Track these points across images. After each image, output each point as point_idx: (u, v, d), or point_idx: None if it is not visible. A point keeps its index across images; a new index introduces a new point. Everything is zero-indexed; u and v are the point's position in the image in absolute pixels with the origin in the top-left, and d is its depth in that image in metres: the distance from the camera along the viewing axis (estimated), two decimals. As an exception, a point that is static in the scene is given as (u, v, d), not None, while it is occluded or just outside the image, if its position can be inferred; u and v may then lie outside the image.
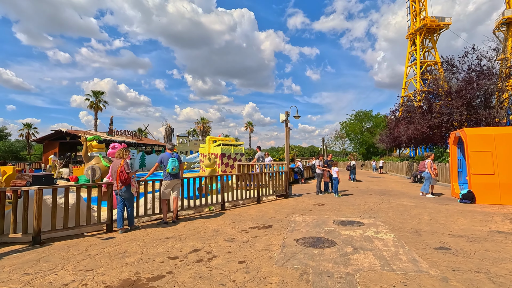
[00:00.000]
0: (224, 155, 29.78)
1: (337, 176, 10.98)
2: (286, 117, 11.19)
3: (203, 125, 69.54)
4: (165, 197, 6.62)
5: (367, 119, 55.21)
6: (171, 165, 6.52)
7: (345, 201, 9.75)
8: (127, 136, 41.55)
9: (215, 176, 8.47)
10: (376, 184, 16.95)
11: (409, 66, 58.05)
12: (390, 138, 28.67)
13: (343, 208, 8.36)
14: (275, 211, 7.95)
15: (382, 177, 23.58)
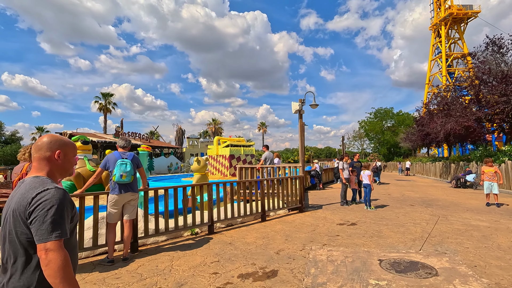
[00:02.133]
0: (233, 156, 27.42)
1: (369, 182, 8.33)
2: (300, 106, 8.69)
3: (215, 126, 67.75)
4: (112, 220, 4.27)
5: (388, 117, 51.49)
6: (119, 170, 4.17)
7: (383, 217, 7.10)
8: (135, 138, 40.09)
9: (207, 184, 6.07)
10: (409, 189, 14.06)
11: (433, 60, 53.85)
12: (418, 136, 25.46)
13: (385, 231, 5.74)
14: (285, 237, 5.44)
15: (412, 180, 20.50)
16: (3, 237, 1.25)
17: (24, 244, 1.19)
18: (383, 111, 51.93)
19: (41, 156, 1.34)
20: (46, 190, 1.21)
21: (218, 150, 27.87)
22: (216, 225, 6.12)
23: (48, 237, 1.15)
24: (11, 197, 1.30)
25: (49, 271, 1.13)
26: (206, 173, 7.48)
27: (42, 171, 1.33)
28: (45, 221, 1.15)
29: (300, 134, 8.85)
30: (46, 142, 1.36)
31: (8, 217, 1.24)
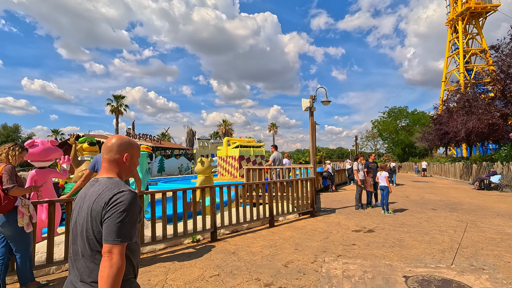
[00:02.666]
0: (242, 157, 27.00)
1: (387, 184, 7.67)
2: (311, 103, 8.13)
3: (225, 127, 67.62)
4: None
5: (402, 116, 49.94)
6: (108, 173, 3.76)
7: (403, 223, 6.46)
8: (145, 140, 40.30)
9: (209, 187, 5.60)
10: (429, 191, 13.22)
11: (449, 56, 51.96)
12: (436, 136, 24.30)
13: (407, 240, 5.11)
14: (294, 246, 4.90)
15: (430, 182, 19.50)
16: (79, 233, 1.27)
17: (97, 243, 1.23)
18: (397, 110, 50.42)
19: (111, 158, 1.38)
20: (121, 192, 1.24)
21: (228, 151, 27.52)
22: (220, 231, 5.65)
23: (115, 240, 1.17)
24: (84, 195, 1.32)
25: (106, 272, 1.13)
26: (210, 175, 7.02)
27: (112, 172, 1.38)
28: (116, 223, 1.18)
29: (311, 133, 8.30)
30: (116, 145, 1.39)
31: (85, 215, 1.26)
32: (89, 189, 1.33)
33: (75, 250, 1.28)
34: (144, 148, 6.18)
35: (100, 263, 1.17)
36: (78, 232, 1.27)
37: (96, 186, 1.31)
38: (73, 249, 1.29)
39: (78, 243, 1.26)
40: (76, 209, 1.33)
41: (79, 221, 1.28)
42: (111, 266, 1.14)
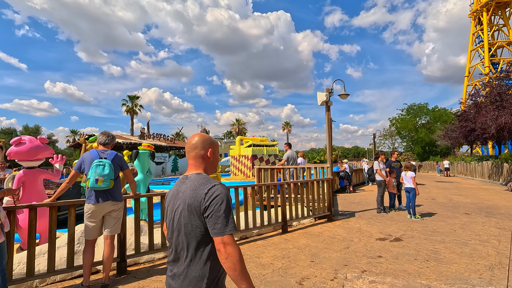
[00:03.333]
0: (255, 157, 26.42)
1: (414, 186, 6.88)
2: (327, 96, 7.43)
3: (239, 126, 67.35)
4: (88, 236, 3.38)
5: (422, 113, 47.86)
6: (94, 173, 3.26)
7: (434, 231, 5.69)
8: (159, 139, 40.50)
9: None
10: (456, 192, 12.19)
11: (473, 50, 49.37)
12: (461, 133, 22.87)
13: (443, 252, 4.38)
14: (311, 257, 4.28)
15: (455, 182, 18.24)
16: (177, 229, 1.31)
17: (198, 237, 1.26)
18: (417, 107, 48.37)
19: (197, 154, 1.42)
20: (214, 186, 1.28)
21: (240, 150, 27.04)
22: (227, 238, 5.10)
23: (224, 231, 1.21)
24: (175, 192, 1.38)
25: (229, 263, 1.18)
26: (218, 175, 6.48)
27: (199, 168, 1.41)
28: (220, 216, 1.23)
29: (328, 130, 7.61)
30: (200, 141, 1.43)
31: (182, 211, 1.30)
32: (180, 186, 1.37)
33: (173, 245, 1.33)
34: (146, 146, 5.73)
35: (219, 257, 1.21)
36: (176, 227, 1.32)
37: (188, 183, 1.34)
38: (171, 243, 1.34)
39: (178, 237, 1.30)
40: (170, 206, 1.38)
41: (175, 217, 1.32)
42: (232, 256, 1.18)
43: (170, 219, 1.35)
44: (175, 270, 1.31)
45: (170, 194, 1.41)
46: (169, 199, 1.41)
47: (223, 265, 1.20)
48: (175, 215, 1.33)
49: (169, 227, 1.37)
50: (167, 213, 1.41)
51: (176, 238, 1.31)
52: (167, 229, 1.41)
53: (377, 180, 7.94)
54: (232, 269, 1.17)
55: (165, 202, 1.46)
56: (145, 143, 5.79)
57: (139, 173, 5.61)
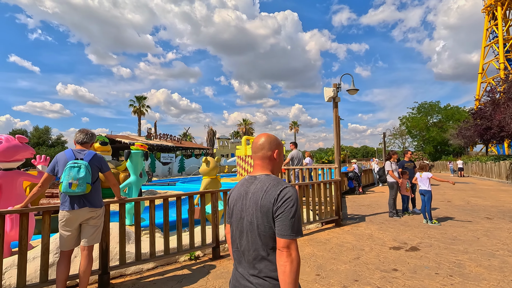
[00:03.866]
0: (262, 157, 25.92)
1: (429, 188, 6.32)
2: (335, 92, 6.93)
3: (246, 126, 67.02)
4: (63, 246, 2.99)
5: (434, 112, 46.58)
6: (67, 176, 2.87)
7: (455, 238, 5.13)
8: (166, 139, 40.47)
9: (210, 192, 4.63)
10: (473, 194, 11.51)
11: (487, 46, 47.79)
12: (475, 131, 21.95)
13: (468, 265, 3.85)
14: (316, 270, 3.81)
15: (470, 183, 17.42)
16: (249, 230, 1.29)
17: (271, 238, 1.25)
18: (428, 106, 47.09)
19: (264, 155, 1.41)
20: (286, 188, 1.26)
21: (246, 150, 26.59)
22: (225, 245, 4.67)
23: (291, 235, 1.19)
24: (243, 193, 1.36)
25: (288, 268, 1.15)
26: (216, 177, 6.07)
27: (267, 169, 1.40)
28: (290, 218, 1.21)
29: (336, 128, 7.11)
30: (267, 142, 1.42)
31: (254, 211, 1.29)
32: (248, 186, 1.36)
33: (243, 246, 1.31)
34: (138, 146, 5.35)
35: (278, 258, 1.19)
36: (247, 228, 1.31)
37: (257, 183, 1.33)
38: (240, 244, 1.33)
39: (249, 238, 1.29)
40: (237, 206, 1.37)
41: (246, 218, 1.31)
42: (291, 262, 1.17)
43: (239, 220, 1.35)
44: (246, 271, 1.29)
45: (236, 194, 1.40)
46: (235, 199, 1.39)
47: (279, 267, 1.17)
48: (245, 216, 1.32)
49: (237, 228, 1.35)
50: (232, 213, 1.40)
51: (248, 238, 1.30)
52: (233, 230, 1.38)
53: (389, 182, 7.39)
54: (288, 275, 1.15)
55: (229, 202, 1.45)
56: (138, 143, 5.43)
57: (131, 175, 5.23)
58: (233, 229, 1.38)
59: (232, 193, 1.44)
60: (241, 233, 1.32)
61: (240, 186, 1.40)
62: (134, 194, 5.09)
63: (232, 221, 1.39)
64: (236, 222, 1.36)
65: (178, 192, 4.22)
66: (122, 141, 33.14)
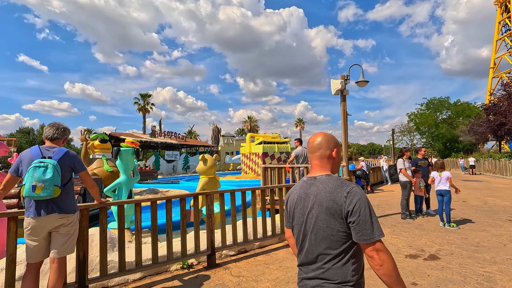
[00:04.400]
0: (266, 154, 25.46)
1: (449, 188, 5.79)
2: (343, 84, 6.42)
3: (251, 124, 66.54)
4: (30, 258, 2.59)
5: (443, 107, 45.44)
6: (31, 178, 2.46)
7: (478, 245, 4.62)
8: (170, 137, 40.28)
9: (206, 194, 4.20)
10: (489, 193, 10.87)
11: (499, 39, 46.34)
12: (488, 127, 21.13)
13: (498, 278, 3.34)
14: (323, 283, 3.35)
15: (484, 181, 16.70)
16: (313, 232, 1.27)
17: (338, 240, 1.21)
18: (437, 102, 45.97)
19: (322, 154, 1.38)
20: (353, 189, 1.23)
21: (251, 148, 26.16)
22: (222, 252, 4.24)
23: (374, 237, 1.16)
24: (303, 195, 1.33)
25: (384, 270, 1.15)
26: (214, 176, 5.63)
27: (326, 169, 1.36)
28: (367, 221, 1.17)
29: (343, 123, 6.60)
30: (325, 141, 1.39)
31: (318, 214, 1.25)
32: (308, 188, 1.32)
33: (306, 248, 1.30)
34: (129, 143, 4.93)
35: (372, 264, 1.17)
36: (310, 230, 1.28)
37: (318, 185, 1.29)
38: (304, 247, 1.31)
39: (312, 241, 1.27)
40: (298, 209, 1.34)
41: (309, 221, 1.28)
42: (386, 262, 1.15)
43: (301, 222, 1.33)
44: (312, 274, 1.26)
45: (296, 196, 1.38)
46: (296, 201, 1.37)
47: (376, 271, 1.17)
48: (307, 218, 1.29)
49: (300, 230, 1.34)
50: (293, 217, 1.39)
51: (312, 241, 1.28)
52: (296, 232, 1.37)
53: (402, 181, 6.86)
54: (388, 275, 1.15)
55: (288, 206, 1.42)
56: (128, 140, 5.02)
57: (121, 174, 4.83)
58: (296, 232, 1.36)
59: (291, 196, 1.40)
60: (305, 236, 1.30)
61: (299, 189, 1.37)
62: (124, 195, 4.68)
63: (294, 224, 1.36)
64: (299, 225, 1.33)
65: (170, 195, 3.79)
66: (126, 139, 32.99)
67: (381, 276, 1.15)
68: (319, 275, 1.23)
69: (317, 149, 1.37)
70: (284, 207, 1.44)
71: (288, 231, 1.48)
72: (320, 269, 1.23)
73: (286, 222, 1.45)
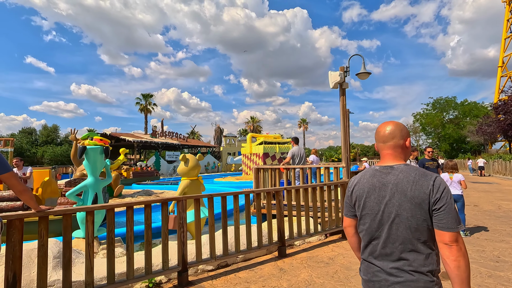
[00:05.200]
0: (267, 155, 24.82)
1: (461, 192, 5.12)
2: (342, 77, 5.79)
3: (253, 124, 66.01)
4: None
5: (450, 107, 44.39)
6: None
7: (497, 259, 3.95)
8: (171, 138, 39.90)
9: (178, 200, 3.61)
10: (501, 197, 10.13)
11: (507, 38, 45.19)
12: (498, 127, 20.27)
13: (530, 306, 2.69)
14: (312, 310, 2.73)
15: (494, 183, 15.88)
16: (393, 223, 1.24)
17: (423, 230, 1.20)
18: (444, 101, 44.95)
19: (396, 143, 1.35)
20: (437, 178, 1.22)
21: (252, 148, 25.56)
22: (198, 267, 3.64)
23: (457, 227, 1.16)
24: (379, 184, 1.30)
25: (462, 263, 1.12)
26: (197, 178, 5.04)
27: (400, 158, 1.35)
28: (453, 210, 1.17)
29: (343, 120, 5.98)
30: (398, 130, 1.37)
31: (401, 203, 1.23)
32: (383, 177, 1.30)
33: (383, 238, 1.26)
34: (97, 141, 4.36)
35: (449, 254, 1.14)
36: (389, 220, 1.25)
37: (397, 174, 1.27)
38: (379, 236, 1.28)
39: (392, 230, 1.24)
40: (372, 198, 1.31)
41: (387, 209, 1.26)
42: (464, 256, 1.13)
43: (376, 212, 1.29)
44: (393, 265, 1.22)
45: (367, 185, 1.33)
46: (367, 191, 1.33)
47: (450, 263, 1.13)
48: (385, 208, 1.26)
49: (374, 220, 1.29)
50: (363, 205, 1.34)
51: (392, 230, 1.24)
52: (367, 222, 1.32)
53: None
54: (463, 270, 1.11)
55: (353, 194, 1.39)
56: (97, 137, 4.46)
57: (88, 176, 4.28)
58: (368, 221, 1.32)
59: (359, 186, 1.37)
60: (381, 225, 1.27)
61: (371, 177, 1.34)
62: (89, 199, 4.12)
63: (365, 214, 1.33)
64: (373, 214, 1.30)
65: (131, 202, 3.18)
66: (126, 139, 32.69)
67: (454, 268, 1.12)
68: (403, 266, 1.20)
69: (390, 138, 1.35)
70: (347, 195, 1.41)
71: (347, 220, 1.46)
72: (402, 260, 1.21)
73: (346, 211, 1.45)
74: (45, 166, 37.15)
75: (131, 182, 22.35)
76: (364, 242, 1.33)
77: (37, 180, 7.91)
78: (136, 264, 3.23)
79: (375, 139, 1.42)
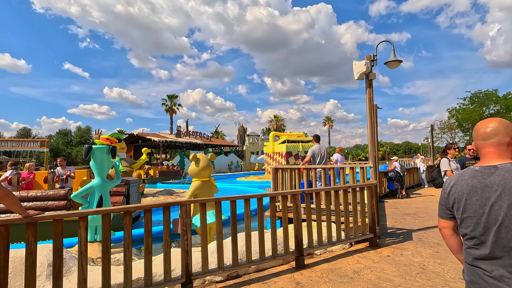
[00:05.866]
0: (290, 154, 24.20)
1: None
2: (368, 66, 5.20)
3: (277, 123, 65.41)
4: None
5: (491, 101, 40.95)
6: None
7: None
8: (195, 137, 40.47)
9: (181, 205, 3.31)
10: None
11: (558, 23, 40.72)
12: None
13: None
14: None
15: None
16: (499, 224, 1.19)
17: None
18: (483, 95, 41.54)
19: (500, 141, 1.28)
20: None
21: (274, 147, 25.09)
22: (206, 278, 3.31)
23: None
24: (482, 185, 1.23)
25: None
26: (210, 179, 4.73)
27: (505, 156, 1.27)
28: None
29: (370, 114, 5.38)
30: (502, 127, 1.29)
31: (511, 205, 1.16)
32: (485, 178, 1.24)
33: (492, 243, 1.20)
34: (104, 140, 4.18)
35: None
36: (493, 222, 1.19)
37: (504, 174, 1.20)
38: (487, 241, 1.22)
39: (503, 235, 1.17)
40: (473, 200, 1.25)
41: (494, 212, 1.19)
42: None
43: (480, 214, 1.22)
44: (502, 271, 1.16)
45: (467, 187, 1.27)
46: (467, 192, 1.26)
47: None
48: (491, 210, 1.19)
49: (478, 223, 1.23)
50: (464, 208, 1.28)
51: (502, 233, 1.17)
52: (471, 225, 1.25)
53: (446, 185, 5.47)
54: None
55: (450, 196, 1.34)
56: (103, 136, 4.28)
57: (95, 176, 4.12)
58: (471, 225, 1.26)
59: (456, 187, 1.31)
60: (488, 228, 1.21)
61: (470, 178, 1.27)
62: (94, 201, 3.95)
63: (466, 217, 1.28)
64: (476, 217, 1.24)
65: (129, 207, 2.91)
66: (152, 139, 33.57)
67: None
68: None
69: (493, 135, 1.27)
70: (442, 197, 1.35)
71: (443, 222, 1.44)
72: None
73: (441, 213, 1.42)
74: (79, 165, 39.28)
75: (156, 181, 22.82)
76: (468, 246, 1.29)
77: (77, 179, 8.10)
78: (137, 274, 2.96)
79: (473, 137, 1.35)
